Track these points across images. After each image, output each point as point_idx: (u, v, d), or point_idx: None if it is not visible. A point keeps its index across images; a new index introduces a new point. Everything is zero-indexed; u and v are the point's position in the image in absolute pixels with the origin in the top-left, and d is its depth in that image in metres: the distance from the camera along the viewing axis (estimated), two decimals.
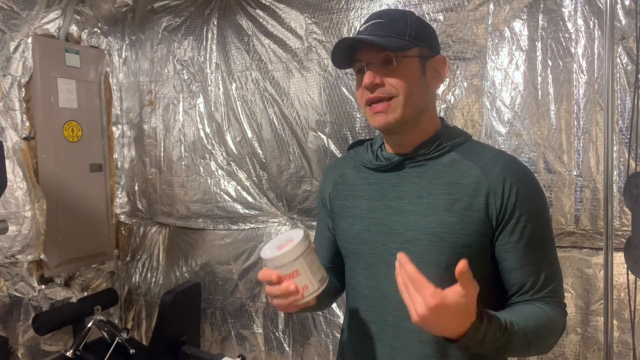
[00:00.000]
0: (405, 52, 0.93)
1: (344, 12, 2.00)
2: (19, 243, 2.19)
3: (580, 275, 1.64)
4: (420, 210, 0.94)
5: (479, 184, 0.91)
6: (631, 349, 1.54)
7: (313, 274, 0.85)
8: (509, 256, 0.92)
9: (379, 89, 0.94)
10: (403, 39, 0.92)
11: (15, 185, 2.17)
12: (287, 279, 0.84)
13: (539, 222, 0.92)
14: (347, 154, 1.15)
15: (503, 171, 0.91)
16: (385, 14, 0.98)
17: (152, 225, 2.63)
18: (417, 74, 0.95)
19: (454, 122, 1.78)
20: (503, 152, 0.99)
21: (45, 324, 2.07)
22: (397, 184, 0.99)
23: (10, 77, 2.20)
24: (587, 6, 1.57)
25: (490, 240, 0.92)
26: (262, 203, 2.28)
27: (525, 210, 0.90)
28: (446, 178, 0.94)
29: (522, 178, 0.92)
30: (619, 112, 1.53)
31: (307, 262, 0.85)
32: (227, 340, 2.40)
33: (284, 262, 0.84)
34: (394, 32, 0.93)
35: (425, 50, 0.96)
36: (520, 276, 0.92)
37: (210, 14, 2.34)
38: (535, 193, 0.93)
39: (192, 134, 2.43)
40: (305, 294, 0.84)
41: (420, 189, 0.96)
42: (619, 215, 1.53)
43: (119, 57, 2.66)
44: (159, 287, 2.60)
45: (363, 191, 1.04)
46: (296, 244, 0.83)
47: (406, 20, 0.95)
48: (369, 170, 1.05)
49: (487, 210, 0.90)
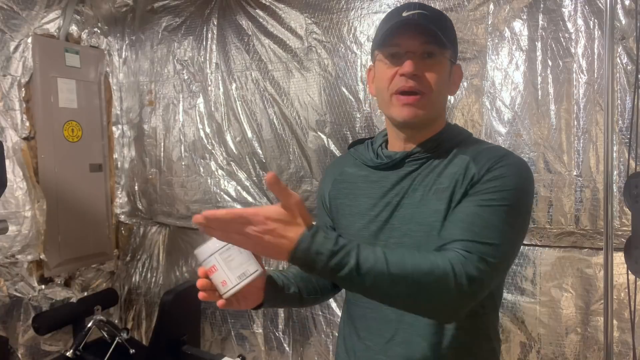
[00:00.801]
0: (444, 51, 0.93)
1: (344, 12, 2.00)
2: (19, 243, 2.19)
3: (580, 275, 1.64)
4: (414, 203, 0.95)
5: (467, 169, 0.91)
6: (631, 349, 1.54)
7: (230, 270, 0.86)
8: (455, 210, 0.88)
9: (416, 80, 0.91)
10: (443, 36, 0.91)
11: (15, 185, 2.17)
12: (209, 273, 0.88)
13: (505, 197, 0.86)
14: (347, 153, 1.15)
15: (490, 159, 0.90)
16: (425, 7, 0.95)
17: (152, 225, 2.63)
18: (447, 75, 0.96)
19: (454, 122, 1.77)
20: (500, 147, 0.98)
21: (45, 324, 2.07)
22: (397, 181, 0.99)
23: (10, 77, 2.20)
24: (587, 6, 1.57)
25: None
26: (262, 203, 2.28)
27: (494, 180, 0.87)
28: (442, 172, 0.95)
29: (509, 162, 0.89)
30: (619, 112, 1.53)
31: (224, 258, 0.86)
32: (227, 340, 2.40)
33: (202, 258, 0.88)
34: (438, 27, 0.91)
35: (453, 55, 0.97)
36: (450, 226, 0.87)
37: (210, 14, 2.34)
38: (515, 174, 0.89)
39: (192, 134, 2.43)
40: (223, 289, 0.86)
41: (417, 183, 0.96)
42: (619, 215, 1.53)
43: (119, 57, 2.66)
44: (159, 287, 2.60)
45: (363, 189, 1.04)
46: (213, 240, 0.86)
47: (444, 20, 0.95)
48: (370, 169, 1.04)
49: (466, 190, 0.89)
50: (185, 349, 2.02)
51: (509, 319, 1.73)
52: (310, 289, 1.08)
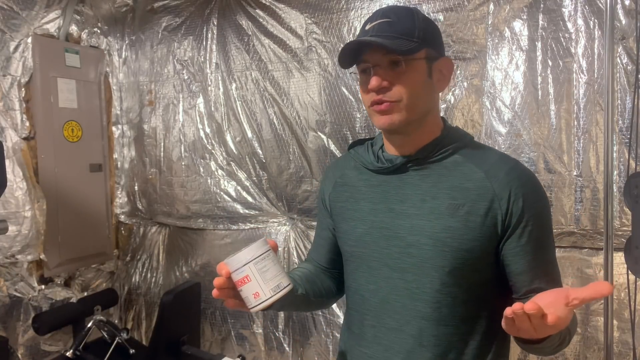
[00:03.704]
0: (413, 55, 0.90)
1: (344, 12, 2.00)
2: (19, 243, 2.19)
3: (580, 275, 1.64)
4: (423, 215, 0.92)
5: (483, 188, 0.90)
6: (631, 349, 1.54)
7: (265, 282, 0.82)
8: (518, 259, 0.91)
9: (385, 92, 0.91)
10: (411, 40, 0.90)
11: (15, 185, 2.17)
12: (240, 284, 0.82)
13: (545, 225, 0.93)
14: (347, 154, 1.13)
15: (508, 175, 0.91)
16: (392, 12, 0.94)
17: (152, 225, 2.63)
18: (423, 77, 0.93)
19: (454, 122, 1.78)
20: (506, 156, 0.98)
21: (45, 324, 2.07)
22: (399, 187, 0.97)
23: (10, 77, 2.20)
24: (587, 6, 1.57)
25: (494, 245, 0.91)
26: (262, 203, 2.28)
27: (532, 214, 0.90)
28: (450, 182, 0.93)
29: (527, 182, 0.92)
30: (619, 112, 1.53)
31: (259, 268, 0.82)
32: (227, 340, 2.40)
33: (234, 267, 0.83)
34: (402, 32, 0.91)
35: (432, 51, 0.94)
36: (529, 278, 0.92)
37: (210, 14, 2.34)
38: (541, 196, 0.93)
39: (192, 134, 2.43)
40: (254, 302, 0.82)
41: (424, 192, 0.94)
42: (619, 215, 1.53)
43: (119, 57, 2.66)
44: (159, 287, 2.60)
45: (365, 193, 1.02)
46: (247, 250, 0.82)
47: (414, 20, 0.93)
48: (370, 172, 1.02)
49: (491, 215, 0.90)
50: (185, 349, 2.02)
51: None
52: (316, 290, 1.07)
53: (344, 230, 1.04)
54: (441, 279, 0.90)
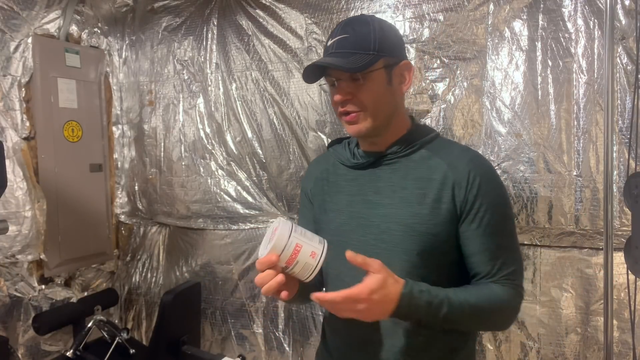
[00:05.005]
0: (369, 68, 0.98)
1: (344, 12, 2.00)
2: (19, 243, 2.19)
3: (580, 275, 1.64)
4: (394, 204, 1.02)
5: (446, 178, 1.00)
6: (631, 349, 1.54)
7: (311, 240, 0.90)
8: (469, 242, 1.00)
9: (349, 103, 1.01)
10: (368, 53, 0.98)
11: (15, 185, 2.17)
12: (294, 256, 0.87)
13: (498, 213, 1.01)
14: (327, 152, 1.23)
15: (467, 165, 1.00)
16: (350, 26, 1.02)
17: (152, 225, 2.63)
18: (383, 85, 1.02)
19: (454, 122, 1.78)
20: (468, 148, 1.09)
21: (46, 324, 2.07)
22: (373, 180, 1.07)
23: (10, 77, 2.20)
24: (587, 6, 1.57)
25: (456, 229, 1.01)
26: (262, 203, 2.28)
27: (485, 202, 0.99)
28: (417, 173, 1.03)
29: (484, 173, 1.01)
30: (619, 112, 1.53)
31: (300, 233, 0.90)
32: (227, 340, 2.40)
33: (282, 245, 0.87)
34: (359, 47, 0.99)
35: (390, 59, 1.02)
36: (478, 261, 1.01)
37: (210, 14, 2.34)
38: (495, 186, 1.03)
39: (192, 134, 2.43)
40: (314, 263, 0.88)
41: (394, 184, 1.04)
42: (619, 215, 1.53)
43: (119, 57, 2.66)
44: (159, 287, 2.60)
45: (342, 187, 1.12)
46: (281, 225, 0.88)
47: (370, 33, 1.00)
48: (347, 168, 1.13)
49: (453, 201, 0.99)
50: (185, 349, 2.02)
51: None
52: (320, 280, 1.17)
53: (324, 221, 1.14)
54: (411, 261, 0.99)
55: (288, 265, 0.88)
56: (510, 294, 1.00)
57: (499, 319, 1.03)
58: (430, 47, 1.81)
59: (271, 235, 0.92)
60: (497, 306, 0.98)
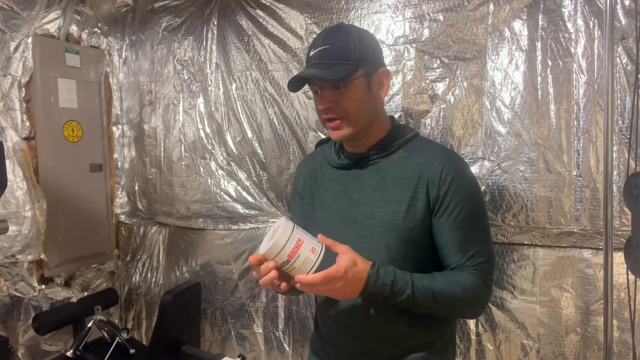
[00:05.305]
0: (350, 78, 1.05)
1: (344, 12, 2.00)
2: (19, 243, 2.19)
3: (580, 275, 1.64)
4: (375, 202, 1.11)
5: (421, 176, 1.09)
6: (631, 349, 1.54)
7: (311, 237, 0.96)
8: (440, 235, 1.09)
9: (332, 110, 1.09)
10: (349, 63, 1.06)
11: (15, 185, 2.18)
12: (295, 250, 0.92)
13: (468, 208, 1.08)
14: (315, 152, 1.32)
15: (440, 163, 1.09)
16: (330, 37, 1.09)
17: (152, 225, 2.63)
18: (363, 92, 1.09)
19: (454, 122, 1.78)
20: (443, 147, 1.19)
21: (46, 324, 2.07)
22: (356, 180, 1.16)
23: (10, 77, 2.20)
24: (587, 6, 1.57)
25: (430, 224, 1.09)
26: (262, 203, 2.28)
27: (455, 197, 1.07)
28: (396, 173, 1.12)
29: (456, 171, 1.09)
30: (619, 112, 1.53)
31: (301, 230, 0.96)
32: (227, 340, 2.40)
33: (284, 240, 0.92)
34: (340, 57, 1.06)
35: (369, 67, 1.09)
36: (448, 252, 1.09)
37: (210, 14, 2.34)
38: (467, 184, 1.10)
39: (192, 134, 2.43)
40: (314, 258, 0.94)
41: (376, 183, 1.13)
42: (619, 215, 1.53)
43: (119, 57, 2.66)
44: (159, 287, 2.60)
45: (329, 186, 1.21)
46: (284, 223, 0.94)
47: (349, 43, 1.07)
48: (333, 168, 1.22)
49: (427, 198, 1.08)
50: (185, 349, 2.02)
51: (509, 318, 1.73)
52: None
53: (312, 217, 1.23)
54: (390, 255, 1.08)
55: (290, 259, 0.92)
56: (477, 283, 1.07)
57: (465, 305, 1.09)
58: (430, 47, 1.81)
59: (273, 232, 0.96)
60: (461, 293, 1.05)
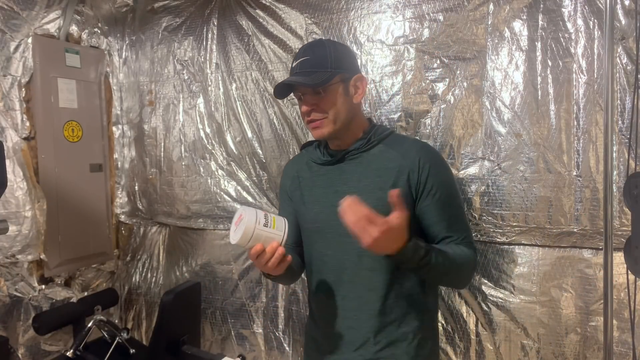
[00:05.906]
0: (328, 83, 1.22)
1: (344, 12, 2.00)
2: (19, 243, 2.19)
3: (580, 275, 1.64)
4: (359, 191, 1.20)
5: (401, 166, 1.25)
6: (631, 349, 1.54)
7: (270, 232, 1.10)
8: (427, 216, 1.26)
9: (313, 112, 1.26)
10: (326, 71, 1.22)
11: (15, 185, 2.18)
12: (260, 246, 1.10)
13: (447, 189, 1.27)
14: (300, 153, 1.48)
15: (417, 154, 1.26)
16: (310, 50, 1.28)
17: (152, 225, 2.63)
18: (341, 95, 1.25)
19: (453, 122, 1.78)
20: (417, 140, 1.38)
21: (46, 324, 2.07)
22: (340, 173, 1.31)
23: (10, 77, 2.20)
24: (587, 6, 1.57)
25: (412, 207, 1.24)
26: (262, 203, 2.28)
27: (435, 182, 1.24)
28: (376, 165, 1.27)
29: (432, 158, 1.27)
30: (619, 112, 1.53)
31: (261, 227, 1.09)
32: (227, 340, 2.40)
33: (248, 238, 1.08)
34: (319, 65, 1.23)
35: (345, 73, 1.26)
36: (438, 229, 1.26)
37: (210, 14, 2.34)
38: (442, 168, 1.29)
39: (192, 134, 2.43)
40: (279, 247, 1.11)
41: (359, 175, 1.28)
42: (619, 215, 1.53)
43: (119, 57, 2.66)
44: (159, 287, 2.60)
45: (316, 181, 1.36)
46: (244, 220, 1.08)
47: (326, 52, 1.25)
48: (319, 165, 1.36)
49: (408, 185, 1.24)
50: (185, 349, 2.02)
51: (509, 318, 1.73)
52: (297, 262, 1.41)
53: (303, 212, 1.37)
54: None
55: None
56: (471, 252, 1.27)
57: (465, 271, 1.27)
58: (430, 47, 1.81)
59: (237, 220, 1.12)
60: (465, 260, 1.24)
